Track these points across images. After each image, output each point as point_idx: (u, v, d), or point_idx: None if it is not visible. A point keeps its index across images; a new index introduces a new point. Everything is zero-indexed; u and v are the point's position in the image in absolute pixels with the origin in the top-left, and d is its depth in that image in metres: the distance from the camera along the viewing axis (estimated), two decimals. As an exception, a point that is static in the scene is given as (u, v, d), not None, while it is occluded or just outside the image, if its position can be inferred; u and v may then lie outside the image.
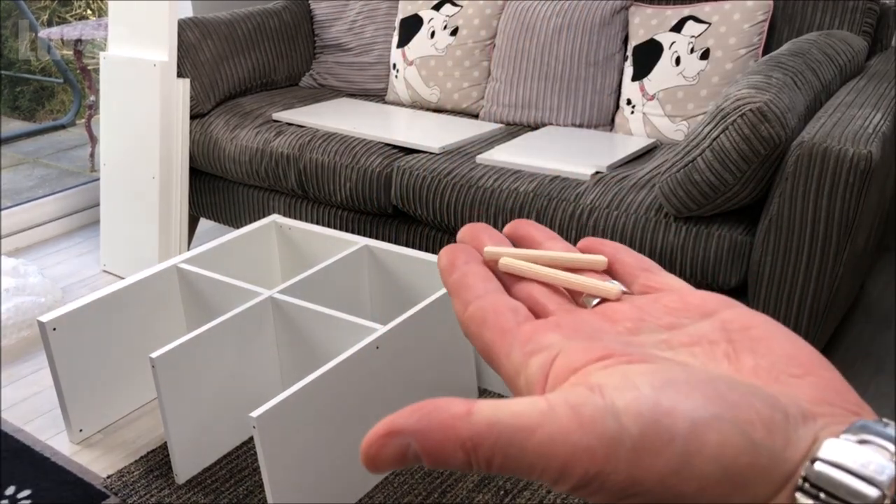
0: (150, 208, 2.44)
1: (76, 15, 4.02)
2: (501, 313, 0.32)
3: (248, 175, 2.39)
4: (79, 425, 1.82)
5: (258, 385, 1.79)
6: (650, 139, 2.12)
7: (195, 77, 2.51)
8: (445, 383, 1.81)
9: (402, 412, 0.28)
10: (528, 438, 0.25)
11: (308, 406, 1.49)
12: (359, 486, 1.62)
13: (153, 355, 1.58)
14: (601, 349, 0.29)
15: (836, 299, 1.69)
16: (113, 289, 1.83)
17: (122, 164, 2.51)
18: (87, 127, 3.50)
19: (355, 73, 2.74)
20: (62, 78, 4.09)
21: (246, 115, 2.48)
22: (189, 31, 2.52)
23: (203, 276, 1.90)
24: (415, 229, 2.16)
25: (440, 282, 1.90)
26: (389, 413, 1.67)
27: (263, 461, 1.43)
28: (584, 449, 0.25)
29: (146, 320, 1.90)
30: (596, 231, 1.79)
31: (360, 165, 2.16)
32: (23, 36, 3.93)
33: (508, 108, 2.39)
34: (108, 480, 1.70)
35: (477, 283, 0.34)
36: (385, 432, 0.28)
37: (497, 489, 1.63)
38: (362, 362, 1.58)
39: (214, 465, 1.73)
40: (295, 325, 1.76)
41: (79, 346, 1.78)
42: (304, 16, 2.84)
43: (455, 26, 2.47)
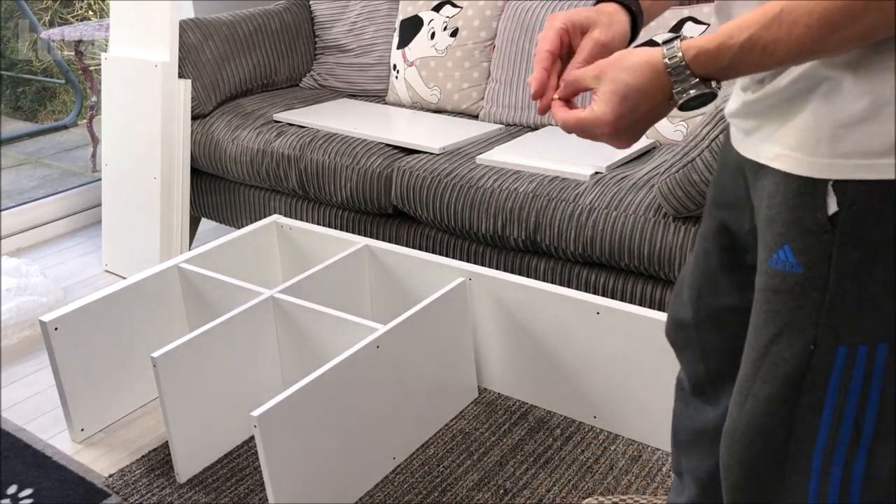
0: (152, 208, 2.45)
1: (77, 16, 4.03)
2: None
3: (249, 175, 2.40)
4: (80, 424, 1.83)
5: (259, 384, 1.80)
6: (649, 139, 2.13)
7: (196, 78, 2.52)
8: (445, 383, 1.82)
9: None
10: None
11: (309, 405, 1.50)
12: (359, 485, 1.63)
13: (154, 355, 1.59)
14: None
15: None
16: (114, 289, 1.84)
17: (123, 165, 2.51)
18: (88, 127, 3.50)
19: (356, 73, 2.75)
20: (64, 78, 4.10)
21: (247, 116, 2.49)
22: (190, 32, 2.52)
23: (204, 276, 1.91)
24: (415, 229, 2.17)
25: (440, 282, 1.91)
26: (389, 413, 1.68)
27: (264, 460, 1.44)
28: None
29: (147, 320, 1.91)
30: (595, 231, 1.80)
31: (360, 166, 2.16)
32: (24, 36, 3.94)
33: (508, 109, 2.39)
34: (110, 479, 1.71)
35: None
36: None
37: (497, 488, 1.64)
38: (362, 362, 1.59)
39: (215, 465, 1.73)
40: (296, 324, 1.77)
41: (80, 345, 1.78)
42: (305, 17, 2.85)
43: (455, 27, 2.48)
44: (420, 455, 1.74)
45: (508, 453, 1.74)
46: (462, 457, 1.73)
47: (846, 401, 0.80)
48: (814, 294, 0.79)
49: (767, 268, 0.83)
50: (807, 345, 0.80)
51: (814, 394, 0.81)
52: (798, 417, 0.82)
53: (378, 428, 1.65)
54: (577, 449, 1.74)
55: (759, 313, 0.85)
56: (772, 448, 0.85)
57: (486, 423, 1.83)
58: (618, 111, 0.81)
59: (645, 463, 1.69)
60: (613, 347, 1.70)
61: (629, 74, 0.80)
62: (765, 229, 0.84)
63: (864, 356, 0.79)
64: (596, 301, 1.70)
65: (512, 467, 1.69)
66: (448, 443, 1.77)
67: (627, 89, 0.81)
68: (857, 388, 0.80)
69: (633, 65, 0.81)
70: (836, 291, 0.78)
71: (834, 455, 0.81)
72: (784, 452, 0.84)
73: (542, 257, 1.95)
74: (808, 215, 0.78)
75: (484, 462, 1.71)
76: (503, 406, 1.88)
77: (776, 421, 0.84)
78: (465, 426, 1.82)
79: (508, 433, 1.79)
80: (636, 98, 0.81)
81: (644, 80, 0.80)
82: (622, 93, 0.81)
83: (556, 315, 1.75)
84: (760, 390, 0.85)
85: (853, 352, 0.79)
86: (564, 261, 1.92)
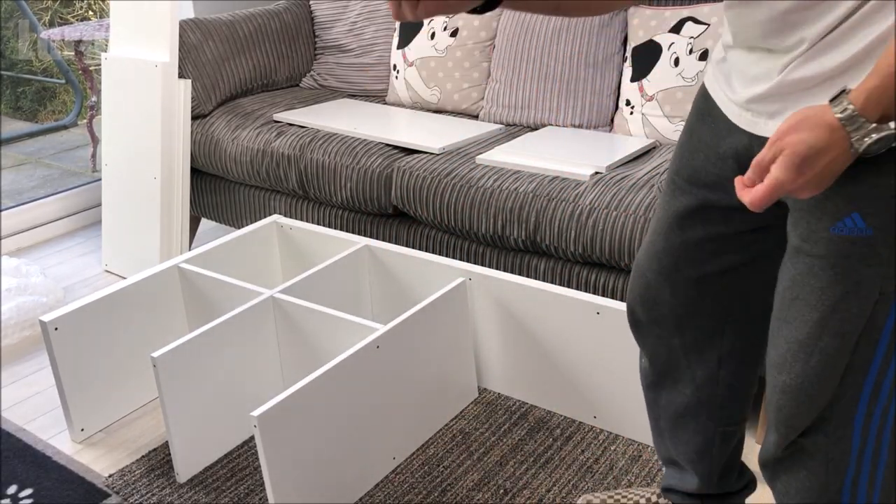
0: (152, 208, 2.45)
1: (77, 16, 4.03)
2: None
3: (249, 175, 2.40)
4: (80, 424, 1.83)
5: (259, 384, 1.80)
6: (649, 140, 2.13)
7: (196, 78, 2.52)
8: (445, 383, 1.82)
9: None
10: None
11: (309, 405, 1.50)
12: (359, 485, 1.63)
13: (154, 355, 1.59)
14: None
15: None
16: (114, 288, 1.84)
17: (123, 165, 2.51)
18: (88, 127, 3.50)
19: (356, 73, 2.75)
20: (64, 78, 4.10)
21: (247, 116, 2.49)
22: (190, 32, 2.52)
23: (204, 276, 1.91)
24: (415, 229, 2.17)
25: (440, 282, 1.91)
26: (389, 413, 1.68)
27: (264, 460, 1.44)
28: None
29: (147, 320, 1.91)
30: (595, 231, 1.80)
31: (360, 166, 2.16)
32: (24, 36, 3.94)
33: (508, 109, 2.39)
34: (110, 479, 1.71)
35: None
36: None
37: (497, 488, 1.64)
38: (362, 362, 1.59)
39: (215, 465, 1.73)
40: (296, 324, 1.77)
41: (80, 345, 1.78)
42: (305, 17, 2.85)
43: (455, 27, 2.48)
44: (420, 455, 1.74)
45: (508, 453, 1.74)
46: (462, 457, 1.73)
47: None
48: (883, 252, 0.88)
49: (830, 235, 0.89)
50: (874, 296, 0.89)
51: (872, 335, 0.91)
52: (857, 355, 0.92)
53: (378, 428, 1.65)
54: (577, 449, 1.74)
55: (818, 277, 0.92)
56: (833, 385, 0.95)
57: (486, 423, 1.83)
58: (792, 174, 0.83)
59: (645, 463, 1.69)
60: (613, 347, 1.70)
61: (809, 135, 0.82)
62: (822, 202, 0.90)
63: None
64: (596, 301, 1.70)
65: (512, 467, 1.69)
66: (448, 443, 1.77)
67: (806, 149, 0.82)
68: None
69: (810, 126, 0.82)
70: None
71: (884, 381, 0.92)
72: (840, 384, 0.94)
73: (542, 257, 1.95)
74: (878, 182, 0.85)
75: (484, 462, 1.71)
76: (503, 406, 1.88)
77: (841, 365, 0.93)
78: (465, 426, 1.82)
79: (508, 433, 1.79)
80: (812, 157, 0.82)
81: (821, 139, 0.81)
82: (801, 154, 0.82)
83: (556, 315, 1.75)
84: (829, 345, 0.93)
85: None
86: (564, 261, 1.92)
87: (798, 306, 0.96)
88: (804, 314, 0.95)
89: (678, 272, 1.19)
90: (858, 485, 1.00)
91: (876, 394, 0.94)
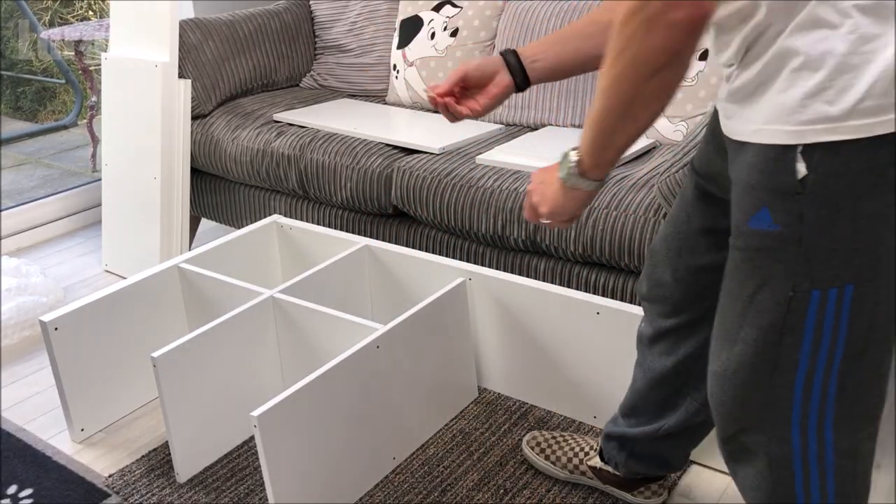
0: (152, 208, 2.45)
1: (77, 16, 4.03)
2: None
3: (249, 175, 2.40)
4: (80, 424, 1.83)
5: (259, 384, 1.80)
6: (649, 139, 2.13)
7: (196, 78, 2.52)
8: (445, 383, 1.82)
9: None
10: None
11: (309, 405, 1.50)
12: (359, 485, 1.63)
13: (155, 355, 1.59)
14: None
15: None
16: (114, 288, 1.84)
17: (123, 165, 2.51)
18: (88, 127, 3.51)
19: (356, 73, 2.75)
20: (64, 79, 4.10)
21: (247, 116, 2.49)
22: (190, 32, 2.52)
23: (204, 276, 1.91)
24: (415, 229, 2.17)
25: (440, 282, 1.91)
26: (389, 413, 1.68)
27: (264, 460, 1.44)
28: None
29: (147, 320, 1.91)
30: (595, 231, 1.80)
31: (360, 166, 2.16)
32: (24, 36, 3.94)
33: (508, 109, 2.39)
34: (110, 479, 1.71)
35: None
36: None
37: (497, 488, 1.64)
38: (362, 362, 1.59)
39: (215, 465, 1.73)
40: (296, 324, 1.77)
41: (80, 345, 1.78)
42: (305, 17, 2.85)
43: (455, 27, 2.48)
44: (420, 455, 1.74)
45: (508, 453, 1.74)
46: (462, 457, 1.73)
47: (822, 334, 0.95)
48: (791, 248, 0.93)
49: (747, 229, 0.96)
50: (787, 292, 0.95)
51: (794, 333, 0.96)
52: (782, 354, 0.97)
53: (378, 428, 1.65)
54: (577, 449, 1.74)
55: (739, 269, 0.99)
56: (760, 381, 1.00)
57: (486, 423, 1.83)
58: (530, 204, 1.18)
59: (645, 463, 1.69)
60: (613, 347, 1.70)
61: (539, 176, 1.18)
62: (744, 196, 0.96)
63: (834, 296, 0.93)
64: (596, 301, 1.70)
65: (512, 467, 1.69)
66: (448, 443, 1.77)
67: (534, 185, 1.18)
68: (830, 323, 0.95)
69: (550, 174, 1.14)
70: (809, 245, 0.92)
71: (814, 378, 0.97)
72: (770, 384, 0.99)
73: (542, 257, 1.95)
74: (782, 180, 0.91)
75: (484, 462, 1.71)
76: (503, 406, 1.88)
77: (763, 359, 0.99)
78: (465, 426, 1.82)
79: (508, 433, 1.79)
80: (541, 176, 1.16)
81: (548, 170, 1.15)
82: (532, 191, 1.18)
83: (556, 315, 1.75)
84: (748, 334, 0.99)
85: (825, 294, 0.93)
86: (564, 261, 1.92)
87: (726, 297, 1.03)
88: (730, 305, 1.02)
89: (680, 258, 1.26)
90: (810, 491, 1.04)
91: (808, 393, 0.98)
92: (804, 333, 0.96)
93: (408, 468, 1.70)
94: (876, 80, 0.85)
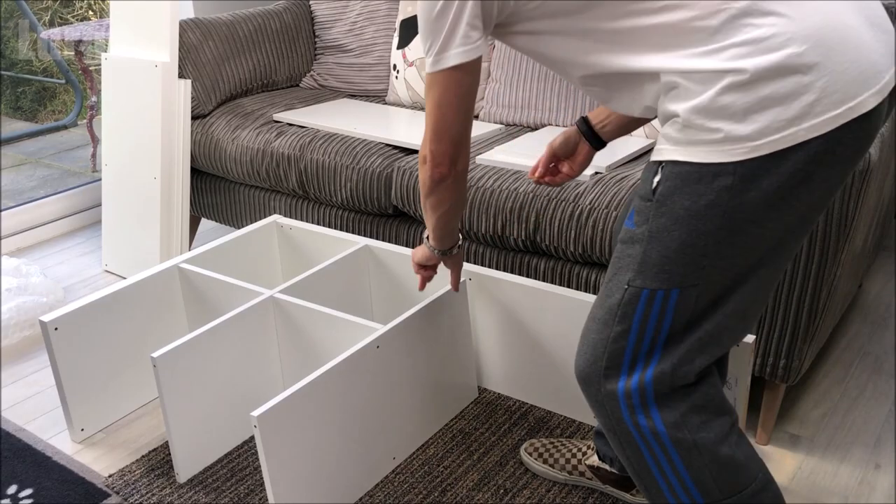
0: (152, 209, 2.45)
1: (77, 16, 4.03)
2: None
3: (249, 175, 2.40)
4: (80, 424, 1.83)
5: (259, 384, 1.80)
6: (649, 140, 2.13)
7: (196, 78, 2.52)
8: (445, 383, 1.82)
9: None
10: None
11: (309, 405, 1.50)
12: (359, 485, 1.63)
13: (155, 355, 1.59)
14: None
15: (834, 299, 1.70)
16: (114, 289, 1.84)
17: (123, 165, 2.51)
18: (88, 127, 3.51)
19: (356, 73, 2.75)
20: (64, 79, 4.10)
21: (247, 116, 2.49)
22: (190, 32, 2.52)
23: (204, 276, 1.91)
24: (415, 229, 2.17)
25: (440, 282, 1.91)
26: (389, 413, 1.68)
27: (264, 460, 1.44)
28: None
29: (148, 320, 1.91)
30: (595, 231, 1.80)
31: (360, 166, 2.16)
32: (24, 36, 3.94)
33: (508, 109, 2.39)
34: (110, 479, 1.71)
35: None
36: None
37: (497, 488, 1.64)
38: (362, 362, 1.59)
39: (215, 465, 1.73)
40: (296, 324, 1.77)
41: (80, 345, 1.78)
42: (305, 17, 2.85)
43: (455, 27, 2.48)
44: (420, 455, 1.74)
45: (508, 453, 1.74)
46: (462, 457, 1.73)
47: (646, 327, 1.14)
48: (636, 247, 1.13)
49: (625, 227, 1.16)
50: (623, 284, 1.14)
51: (624, 322, 1.15)
52: (611, 339, 1.17)
53: (378, 428, 1.65)
54: (577, 449, 1.74)
55: (612, 259, 1.19)
56: (596, 356, 1.20)
57: (486, 423, 1.83)
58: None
59: (645, 463, 1.69)
60: (613, 347, 1.70)
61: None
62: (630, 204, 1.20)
63: (661, 297, 1.11)
64: (596, 301, 1.70)
65: (512, 467, 1.69)
66: (448, 443, 1.77)
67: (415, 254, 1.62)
68: (655, 319, 1.13)
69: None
70: (647, 247, 1.11)
71: (637, 363, 1.16)
72: (603, 366, 1.19)
73: (542, 257, 1.95)
74: (644, 187, 1.12)
75: (484, 462, 1.71)
76: (503, 406, 1.88)
77: (599, 337, 1.19)
78: (465, 426, 1.82)
79: (508, 433, 1.79)
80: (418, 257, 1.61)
81: (420, 251, 1.59)
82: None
83: (556, 315, 1.75)
84: (597, 312, 1.20)
85: (653, 294, 1.12)
86: (564, 261, 1.92)
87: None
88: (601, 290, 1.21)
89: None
90: (661, 464, 1.20)
91: (630, 375, 1.17)
92: (632, 324, 1.14)
93: (408, 468, 1.70)
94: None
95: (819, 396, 1.94)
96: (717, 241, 1.07)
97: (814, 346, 1.72)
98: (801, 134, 1.01)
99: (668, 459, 1.19)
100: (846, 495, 1.63)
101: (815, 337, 1.68)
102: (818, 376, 2.01)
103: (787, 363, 1.68)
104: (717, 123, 1.03)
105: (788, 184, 1.04)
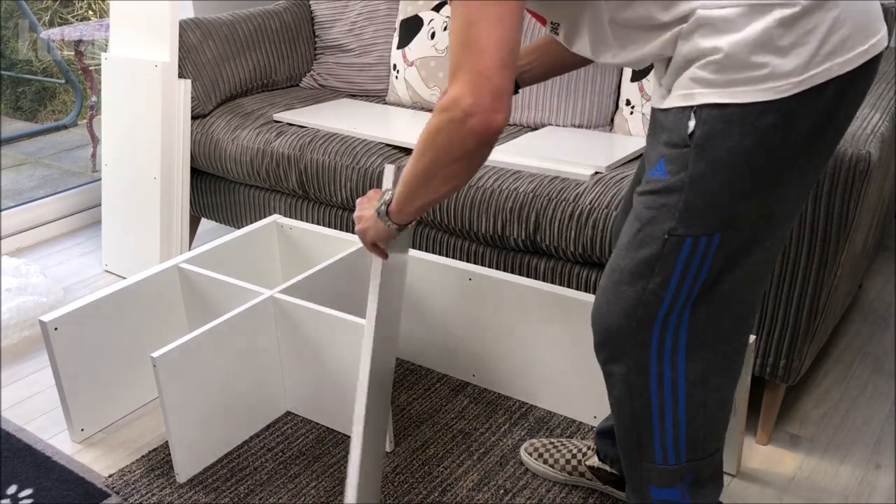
0: (152, 208, 2.45)
1: (78, 16, 4.03)
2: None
3: (249, 175, 2.40)
4: (80, 424, 1.83)
5: (259, 385, 1.80)
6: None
7: (196, 78, 2.52)
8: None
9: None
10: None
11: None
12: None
13: (154, 355, 1.59)
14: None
15: (834, 299, 1.70)
16: (114, 289, 1.84)
17: (123, 165, 2.51)
18: (88, 127, 3.50)
19: (356, 73, 2.75)
20: (64, 78, 4.10)
21: (247, 116, 2.49)
22: (190, 32, 2.52)
23: (204, 276, 1.91)
24: (415, 229, 2.17)
25: (440, 282, 1.91)
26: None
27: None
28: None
29: (147, 320, 1.91)
30: (595, 231, 1.80)
31: (360, 166, 2.16)
32: (24, 36, 3.94)
33: (508, 109, 2.39)
34: (110, 479, 1.71)
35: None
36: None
37: (497, 488, 1.64)
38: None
39: (215, 464, 1.73)
40: (296, 324, 1.77)
41: (80, 345, 1.78)
42: (305, 17, 2.85)
43: (455, 27, 2.48)
44: (420, 455, 1.74)
45: (508, 453, 1.74)
46: (462, 457, 1.73)
47: (687, 275, 1.11)
48: (674, 195, 1.08)
49: (647, 177, 1.11)
50: (663, 234, 1.10)
51: (664, 272, 1.11)
52: (649, 290, 1.13)
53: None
54: (577, 449, 1.74)
55: (635, 210, 1.13)
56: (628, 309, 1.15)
57: (486, 423, 1.83)
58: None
59: (645, 463, 1.69)
60: (613, 347, 1.70)
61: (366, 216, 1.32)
62: (651, 152, 1.14)
63: (703, 243, 1.09)
64: (596, 301, 1.70)
65: (512, 467, 1.69)
66: (448, 443, 1.77)
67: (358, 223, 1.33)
68: (696, 265, 1.10)
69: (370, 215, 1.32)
70: (688, 193, 1.07)
71: (672, 313, 1.14)
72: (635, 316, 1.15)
73: (542, 257, 1.95)
74: (676, 134, 1.07)
75: (484, 462, 1.71)
76: (503, 406, 1.88)
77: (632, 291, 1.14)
78: (465, 426, 1.82)
79: (508, 433, 1.79)
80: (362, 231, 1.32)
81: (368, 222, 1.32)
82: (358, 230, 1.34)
83: (556, 315, 1.75)
84: (627, 265, 1.14)
85: (697, 240, 1.09)
86: (564, 261, 1.92)
87: (621, 238, 1.17)
88: (621, 242, 1.16)
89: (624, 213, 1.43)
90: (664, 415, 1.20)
91: (665, 325, 1.15)
92: (673, 274, 1.11)
93: (408, 468, 1.70)
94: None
95: (819, 396, 1.94)
96: (759, 179, 1.06)
97: (814, 346, 1.72)
98: (835, 69, 1.02)
99: (674, 412, 1.20)
100: (846, 495, 1.63)
101: (815, 337, 1.68)
102: (818, 376, 2.01)
103: (787, 363, 1.68)
104: (765, 57, 1.01)
105: (820, 121, 1.04)
